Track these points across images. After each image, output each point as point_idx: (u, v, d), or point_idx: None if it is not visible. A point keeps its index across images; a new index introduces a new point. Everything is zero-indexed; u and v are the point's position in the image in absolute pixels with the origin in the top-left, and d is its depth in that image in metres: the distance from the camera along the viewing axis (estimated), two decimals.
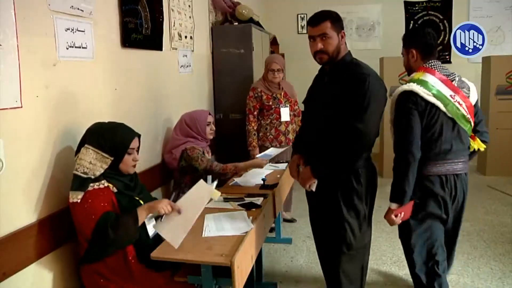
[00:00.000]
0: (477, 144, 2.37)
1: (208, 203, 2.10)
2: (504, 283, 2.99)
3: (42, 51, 1.98)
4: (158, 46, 3.19)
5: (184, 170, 3.06)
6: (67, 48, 2.14)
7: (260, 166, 3.11)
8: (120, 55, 2.68)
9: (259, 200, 2.60)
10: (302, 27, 6.82)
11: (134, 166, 2.17)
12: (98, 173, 2.00)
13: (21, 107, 1.83)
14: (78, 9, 2.20)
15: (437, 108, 2.17)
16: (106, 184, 2.04)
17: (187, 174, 3.07)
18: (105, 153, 2.02)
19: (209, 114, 3.23)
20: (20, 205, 1.87)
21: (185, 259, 1.92)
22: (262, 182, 2.95)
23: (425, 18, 6.52)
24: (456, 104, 2.20)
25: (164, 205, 2.00)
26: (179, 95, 3.63)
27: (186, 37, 3.74)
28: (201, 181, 2.12)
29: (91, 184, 1.98)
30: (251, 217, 2.29)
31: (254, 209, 2.45)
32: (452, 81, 2.26)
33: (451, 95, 2.20)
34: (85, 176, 1.97)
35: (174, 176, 3.17)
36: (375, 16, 6.61)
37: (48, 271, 2.03)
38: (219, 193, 2.13)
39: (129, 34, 2.74)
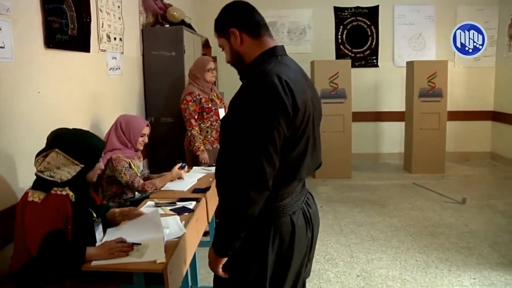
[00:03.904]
0: None
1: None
2: (427, 273, 3.20)
3: None
4: (85, 47, 3.08)
5: (111, 179, 2.96)
6: None
7: (176, 177, 3.04)
8: (44, 56, 2.56)
9: (191, 204, 2.57)
10: None
11: (98, 174, 2.14)
12: (65, 179, 1.95)
13: None
14: None
15: None
16: (67, 192, 1.95)
17: (115, 184, 2.97)
18: (76, 160, 1.98)
19: (147, 125, 3.15)
20: None
21: (116, 267, 1.85)
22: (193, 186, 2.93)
23: (353, 23, 6.77)
24: None
25: (116, 253, 1.89)
26: (109, 98, 3.51)
27: (115, 38, 3.63)
28: (162, 238, 2.03)
29: (54, 188, 1.93)
30: (183, 222, 2.26)
31: (186, 214, 2.42)
32: None
33: None
34: (51, 179, 1.92)
35: (101, 183, 3.06)
36: (306, 20, 6.77)
37: None
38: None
39: (53, 34, 2.62)
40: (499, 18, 6.55)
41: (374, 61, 6.84)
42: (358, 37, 6.80)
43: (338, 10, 6.75)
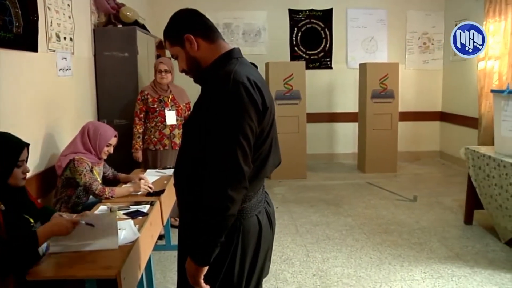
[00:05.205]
0: None
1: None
2: (381, 269, 3.28)
3: None
4: (32, 47, 2.95)
5: (68, 181, 2.88)
6: None
7: (138, 191, 2.90)
8: None
9: (145, 208, 2.53)
10: None
11: (24, 178, 1.98)
12: None
13: None
14: None
15: None
16: None
17: (70, 187, 2.89)
18: None
19: (115, 136, 3.09)
20: None
21: (67, 276, 1.79)
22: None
23: (308, 26, 6.86)
24: None
25: (65, 228, 1.88)
26: (59, 100, 3.39)
27: (65, 38, 3.51)
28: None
29: None
30: (137, 226, 2.21)
31: (140, 217, 2.37)
32: None
33: None
34: None
35: (57, 184, 2.96)
36: (261, 22, 6.80)
37: None
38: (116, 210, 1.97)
39: None
40: (445, 23, 6.82)
41: (328, 63, 6.96)
42: (312, 39, 6.89)
43: (292, 13, 6.82)
